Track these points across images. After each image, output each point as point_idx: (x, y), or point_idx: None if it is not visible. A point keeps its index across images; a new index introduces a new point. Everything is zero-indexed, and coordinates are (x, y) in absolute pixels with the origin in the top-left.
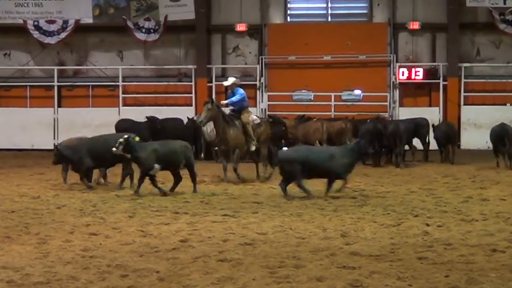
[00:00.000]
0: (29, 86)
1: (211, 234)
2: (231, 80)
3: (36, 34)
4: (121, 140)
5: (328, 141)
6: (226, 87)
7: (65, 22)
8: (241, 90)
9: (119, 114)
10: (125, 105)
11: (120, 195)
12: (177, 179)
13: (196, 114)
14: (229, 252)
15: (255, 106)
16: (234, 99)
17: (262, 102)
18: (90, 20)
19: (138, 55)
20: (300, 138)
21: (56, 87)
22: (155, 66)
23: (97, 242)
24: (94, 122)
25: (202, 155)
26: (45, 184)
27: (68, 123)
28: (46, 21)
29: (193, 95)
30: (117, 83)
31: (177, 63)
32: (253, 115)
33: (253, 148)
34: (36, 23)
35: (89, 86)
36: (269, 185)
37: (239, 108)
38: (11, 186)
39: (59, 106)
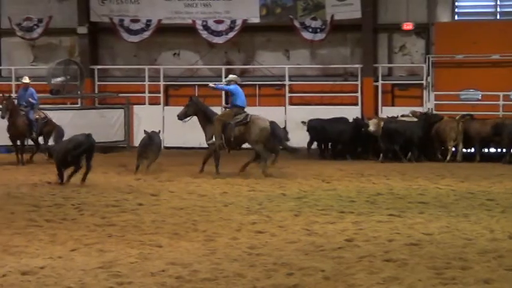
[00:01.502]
0: (197, 85)
1: (376, 233)
2: (229, 77)
3: (204, 34)
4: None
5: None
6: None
7: (233, 22)
8: (233, 86)
9: (285, 113)
10: (291, 104)
11: (287, 194)
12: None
13: (362, 113)
14: (395, 252)
15: (421, 105)
16: (220, 85)
17: (428, 101)
18: (257, 20)
19: (304, 54)
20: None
21: None
22: (321, 66)
23: (263, 240)
24: None
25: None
26: (213, 182)
27: None
28: (214, 21)
29: (359, 94)
30: (284, 82)
31: (343, 62)
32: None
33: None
34: (204, 23)
35: (255, 85)
36: (435, 185)
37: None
38: (180, 183)
39: (226, 105)
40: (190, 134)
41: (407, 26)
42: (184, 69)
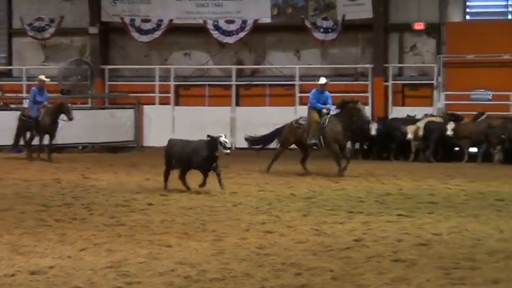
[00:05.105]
0: (208, 85)
1: (385, 234)
2: (324, 80)
3: (215, 34)
4: None
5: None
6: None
7: (244, 22)
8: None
9: (295, 113)
10: (301, 104)
11: (296, 194)
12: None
13: (372, 113)
14: (404, 252)
15: (431, 105)
16: (332, 107)
17: (439, 101)
18: (268, 20)
19: (315, 54)
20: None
21: (233, 86)
22: (332, 65)
23: (272, 240)
24: (271, 120)
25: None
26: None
27: (244, 122)
28: (225, 21)
29: (369, 94)
30: (294, 82)
31: (354, 62)
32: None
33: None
34: (215, 22)
35: (266, 85)
36: (445, 186)
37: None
38: (189, 183)
39: (237, 105)
40: (199, 133)
41: (418, 25)
42: (194, 69)
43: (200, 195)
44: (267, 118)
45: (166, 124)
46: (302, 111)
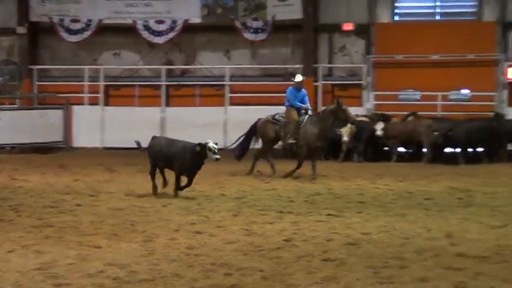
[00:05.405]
0: (138, 85)
1: (315, 233)
2: (301, 78)
3: (145, 34)
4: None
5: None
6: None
7: (174, 22)
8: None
9: (226, 113)
10: (231, 104)
11: (226, 194)
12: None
13: None
14: (333, 251)
15: (361, 106)
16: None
17: (368, 101)
18: (198, 20)
19: (245, 54)
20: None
21: (163, 87)
22: (262, 66)
23: (202, 240)
24: (201, 120)
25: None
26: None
27: (174, 122)
28: (155, 21)
29: None
30: (224, 82)
31: (284, 62)
32: None
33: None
34: (145, 23)
35: (196, 85)
36: (374, 185)
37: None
38: (119, 184)
39: (167, 105)
40: (129, 134)
41: (348, 26)
42: (124, 69)
43: (130, 196)
44: (197, 118)
45: (96, 124)
46: (232, 111)
